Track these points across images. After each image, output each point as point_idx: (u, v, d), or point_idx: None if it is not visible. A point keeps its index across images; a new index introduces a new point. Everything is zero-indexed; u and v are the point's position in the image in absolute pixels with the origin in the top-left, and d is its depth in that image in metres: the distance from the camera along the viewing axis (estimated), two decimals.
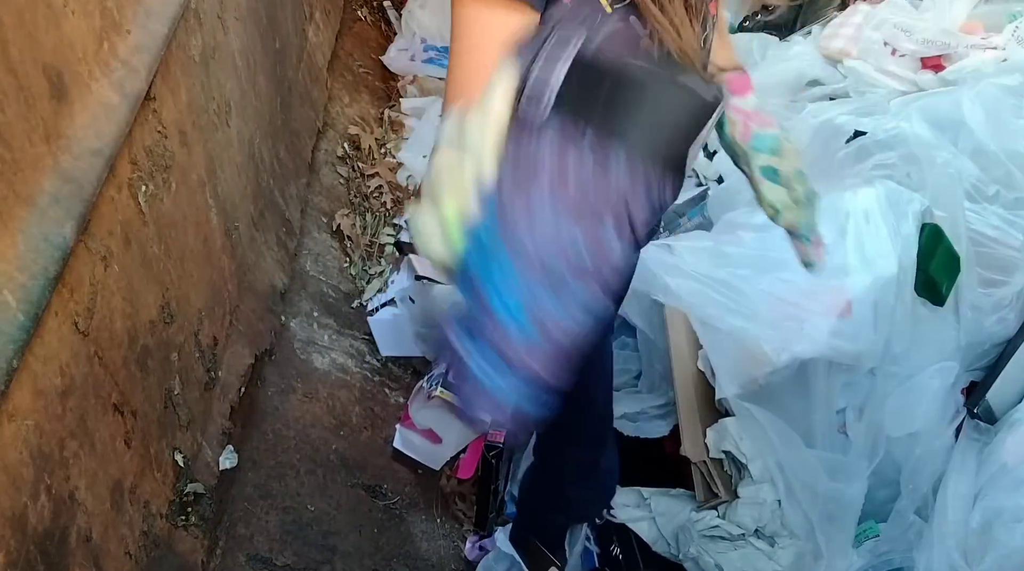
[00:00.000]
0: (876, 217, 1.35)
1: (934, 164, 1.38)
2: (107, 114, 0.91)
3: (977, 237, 1.36)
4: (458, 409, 0.73)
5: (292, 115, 1.92)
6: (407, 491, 1.68)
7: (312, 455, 1.55)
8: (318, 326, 1.79)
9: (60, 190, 0.82)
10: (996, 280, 1.36)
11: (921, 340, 1.36)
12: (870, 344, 1.31)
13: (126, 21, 1.00)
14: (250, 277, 1.56)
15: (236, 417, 1.40)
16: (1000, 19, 1.73)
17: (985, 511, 1.24)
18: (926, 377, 1.34)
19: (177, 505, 1.19)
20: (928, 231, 1.35)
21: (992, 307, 1.35)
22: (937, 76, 1.67)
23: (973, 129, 1.40)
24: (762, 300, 1.34)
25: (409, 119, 2.47)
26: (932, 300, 1.36)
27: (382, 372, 1.86)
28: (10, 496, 0.77)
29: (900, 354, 1.36)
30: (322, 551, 1.44)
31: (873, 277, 1.31)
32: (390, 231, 2.13)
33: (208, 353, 1.32)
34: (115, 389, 0.99)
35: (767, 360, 1.32)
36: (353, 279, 1.98)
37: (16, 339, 0.74)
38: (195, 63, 1.25)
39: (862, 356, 1.32)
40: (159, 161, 1.10)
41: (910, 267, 1.33)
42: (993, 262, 1.36)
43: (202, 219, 1.29)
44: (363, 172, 2.22)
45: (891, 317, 1.32)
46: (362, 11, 2.77)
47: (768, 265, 1.35)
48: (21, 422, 0.78)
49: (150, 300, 1.09)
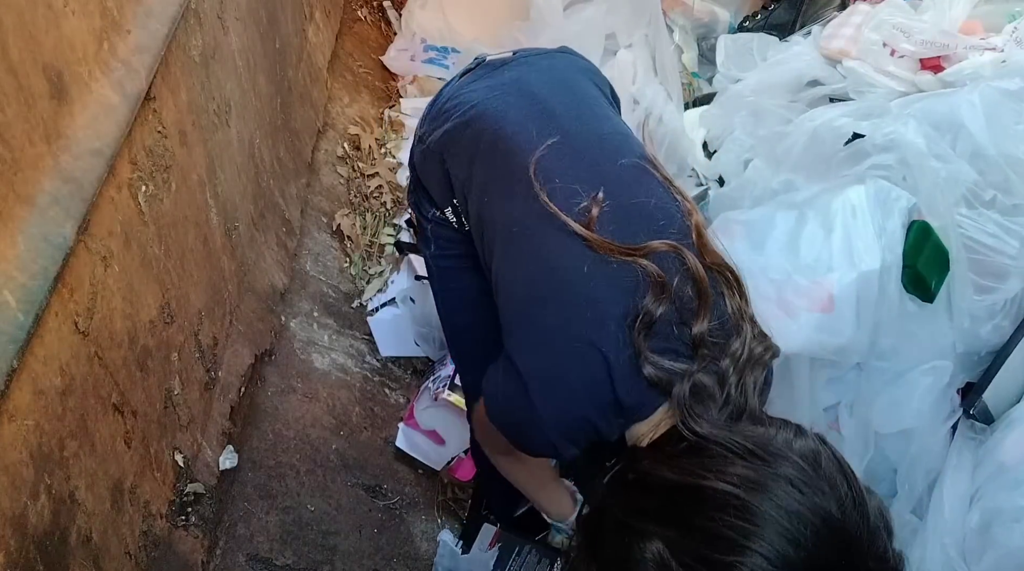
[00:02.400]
0: (864, 213, 1.35)
1: (927, 171, 1.38)
2: (107, 114, 0.91)
3: (972, 244, 1.36)
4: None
5: (292, 115, 1.92)
6: (407, 491, 1.68)
7: (312, 455, 1.55)
8: (318, 326, 1.79)
9: (60, 190, 0.82)
10: (991, 287, 1.36)
11: (911, 337, 1.36)
12: (853, 339, 1.31)
13: (126, 21, 1.00)
14: (250, 277, 1.56)
15: (236, 417, 1.40)
16: (1000, 19, 1.73)
17: (984, 511, 1.24)
18: (917, 374, 1.34)
19: (177, 505, 1.19)
20: (916, 228, 1.36)
21: (987, 314, 1.35)
22: (936, 77, 1.67)
23: (972, 133, 1.40)
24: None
25: (409, 119, 2.47)
26: (921, 297, 1.36)
27: (382, 372, 1.86)
28: (10, 496, 0.77)
29: (889, 350, 1.36)
30: (322, 551, 1.44)
31: (857, 272, 1.31)
32: (390, 231, 2.12)
33: (208, 353, 1.32)
34: (115, 389, 0.99)
35: None
36: (353, 279, 1.98)
37: (16, 339, 0.74)
38: (195, 63, 1.25)
39: (845, 351, 1.32)
40: (159, 161, 1.10)
41: (895, 263, 1.33)
42: (988, 269, 1.36)
43: (202, 219, 1.29)
44: (363, 172, 2.22)
45: (874, 312, 1.32)
46: (362, 11, 2.77)
47: (754, 261, 1.36)
48: (21, 422, 0.78)
49: (150, 300, 1.09)
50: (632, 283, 0.83)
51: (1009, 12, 1.73)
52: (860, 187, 1.38)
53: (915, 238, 1.35)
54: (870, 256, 1.32)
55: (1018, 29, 1.64)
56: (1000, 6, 1.77)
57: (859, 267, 1.31)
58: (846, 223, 1.36)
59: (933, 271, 1.35)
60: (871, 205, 1.36)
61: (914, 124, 1.42)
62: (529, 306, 0.90)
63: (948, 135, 1.43)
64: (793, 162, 1.60)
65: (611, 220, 0.88)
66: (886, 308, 1.33)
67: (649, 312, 0.81)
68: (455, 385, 1.72)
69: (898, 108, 1.54)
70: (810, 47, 1.95)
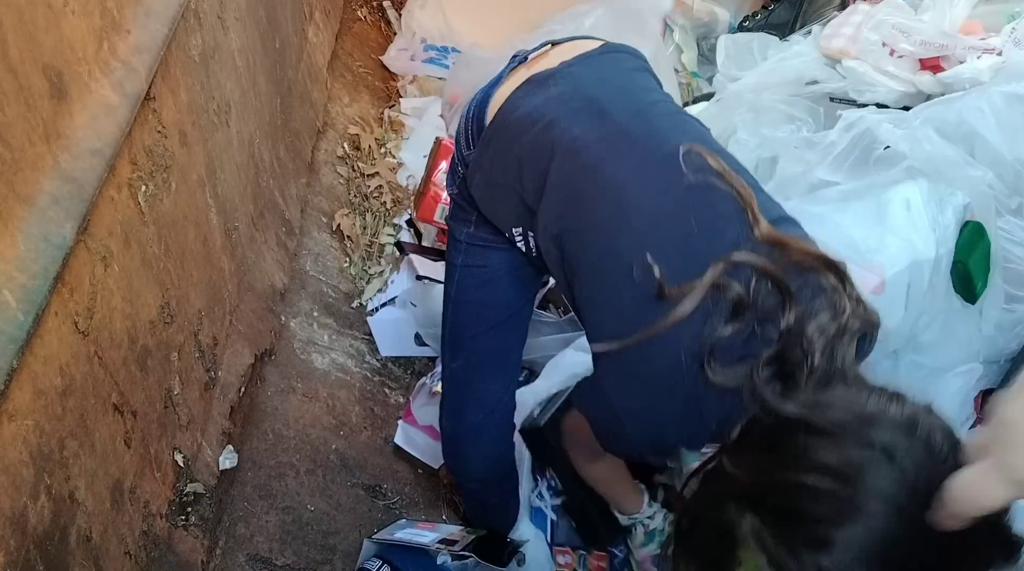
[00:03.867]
0: (918, 206, 1.34)
1: (970, 180, 1.37)
2: (107, 114, 0.91)
3: (1003, 252, 1.35)
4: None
5: (292, 115, 1.92)
6: (407, 491, 1.68)
7: (312, 455, 1.55)
8: (318, 326, 1.79)
9: (60, 190, 0.82)
10: (1018, 296, 1.36)
11: (951, 334, 1.36)
12: (898, 324, 1.30)
13: (126, 21, 1.00)
14: (250, 277, 1.56)
15: (236, 417, 1.40)
16: (999, 19, 1.73)
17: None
18: (951, 376, 1.34)
19: (177, 505, 1.19)
20: (971, 227, 1.35)
21: (1011, 323, 1.35)
22: (935, 78, 1.67)
23: (988, 140, 1.39)
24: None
25: (409, 119, 2.47)
26: (966, 297, 1.36)
27: (382, 372, 1.86)
28: (10, 496, 0.77)
29: (927, 345, 1.35)
30: (322, 551, 1.44)
31: (911, 260, 1.30)
32: (390, 231, 2.13)
33: (208, 353, 1.32)
34: (115, 389, 0.99)
35: None
36: (353, 279, 1.98)
37: (16, 339, 0.74)
38: (195, 63, 1.25)
39: (888, 335, 1.30)
40: (159, 161, 1.10)
41: (946, 257, 1.32)
42: (1017, 278, 1.36)
43: (202, 219, 1.29)
44: (363, 172, 2.22)
45: (921, 302, 1.31)
46: (362, 11, 2.78)
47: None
48: (21, 422, 0.78)
49: (150, 300, 1.09)
50: (701, 313, 0.84)
51: (1008, 12, 1.73)
52: (914, 182, 1.37)
53: (969, 236, 1.34)
54: (925, 245, 1.31)
55: (1016, 30, 1.63)
56: (1000, 6, 1.76)
57: (913, 254, 1.31)
58: (898, 214, 1.35)
59: (981, 272, 1.35)
60: (926, 199, 1.35)
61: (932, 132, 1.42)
62: (620, 338, 0.91)
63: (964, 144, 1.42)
64: (830, 164, 1.57)
65: (674, 263, 0.88)
66: (932, 300, 1.32)
67: (720, 336, 0.82)
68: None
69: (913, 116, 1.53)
70: (810, 47, 1.95)
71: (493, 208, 1.14)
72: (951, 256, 1.33)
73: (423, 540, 1.44)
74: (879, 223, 1.35)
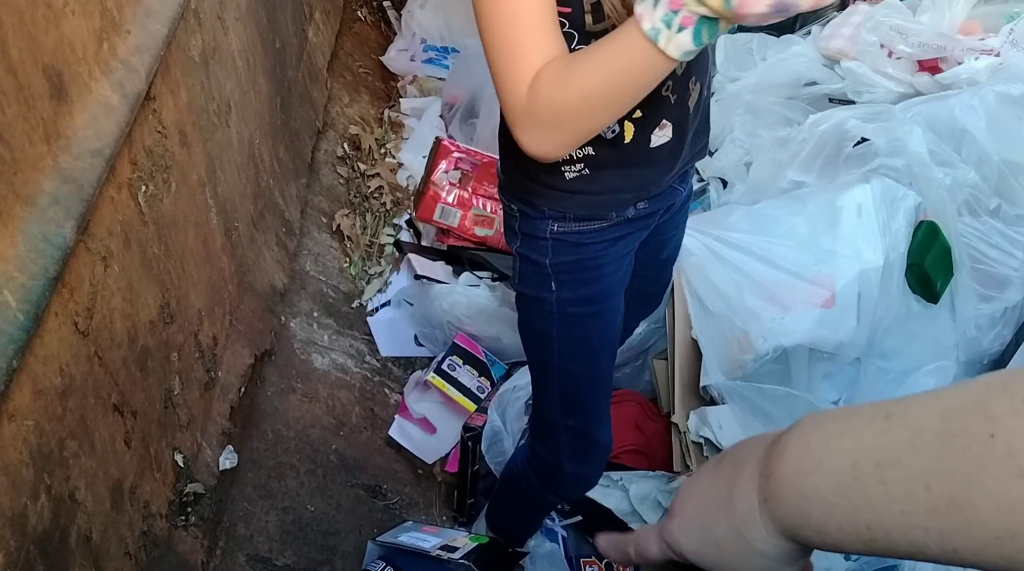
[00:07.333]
0: (868, 211, 1.36)
1: (930, 181, 1.38)
2: (107, 114, 0.92)
3: (976, 253, 1.36)
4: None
5: (292, 115, 1.92)
6: (407, 491, 1.68)
7: (312, 455, 1.55)
8: (318, 326, 1.79)
9: (60, 190, 0.82)
10: (992, 296, 1.37)
11: (915, 336, 1.37)
12: (852, 334, 1.31)
13: (126, 21, 1.00)
14: (250, 277, 1.56)
15: (236, 417, 1.40)
16: (998, 19, 1.73)
17: None
18: (920, 376, 1.35)
19: (177, 505, 1.19)
20: (925, 227, 1.36)
21: (989, 323, 1.36)
22: (934, 79, 1.67)
23: (977, 138, 1.40)
24: (750, 288, 1.34)
25: (409, 119, 2.47)
26: (926, 297, 1.36)
27: (382, 372, 1.86)
28: (10, 496, 0.77)
29: (892, 350, 1.36)
30: (322, 551, 1.44)
31: (859, 269, 1.31)
32: (390, 231, 2.13)
33: (208, 353, 1.32)
34: (115, 389, 0.99)
35: (751, 347, 1.33)
36: (353, 279, 1.98)
37: (16, 339, 0.74)
38: (195, 63, 1.25)
39: (844, 346, 1.32)
40: (159, 161, 1.10)
41: (898, 261, 1.34)
42: (990, 279, 1.37)
43: (202, 219, 1.29)
44: (363, 172, 2.22)
45: (875, 309, 1.32)
46: (362, 11, 2.78)
47: (759, 247, 1.35)
48: (21, 422, 0.78)
49: (150, 300, 1.09)
50: None
51: (1007, 12, 1.73)
52: (866, 186, 1.39)
53: (923, 237, 1.35)
54: (873, 253, 1.32)
55: (1015, 31, 1.64)
56: (999, 6, 1.77)
57: (861, 264, 1.32)
58: (850, 221, 1.36)
59: (939, 271, 1.35)
60: (877, 203, 1.36)
61: (918, 132, 1.42)
62: None
63: (952, 141, 1.43)
64: (800, 163, 1.59)
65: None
66: (887, 306, 1.33)
67: None
68: (441, 370, 1.74)
69: (902, 112, 1.54)
70: (809, 47, 1.95)
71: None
72: (904, 259, 1.33)
73: (425, 545, 1.44)
74: (830, 230, 1.35)
